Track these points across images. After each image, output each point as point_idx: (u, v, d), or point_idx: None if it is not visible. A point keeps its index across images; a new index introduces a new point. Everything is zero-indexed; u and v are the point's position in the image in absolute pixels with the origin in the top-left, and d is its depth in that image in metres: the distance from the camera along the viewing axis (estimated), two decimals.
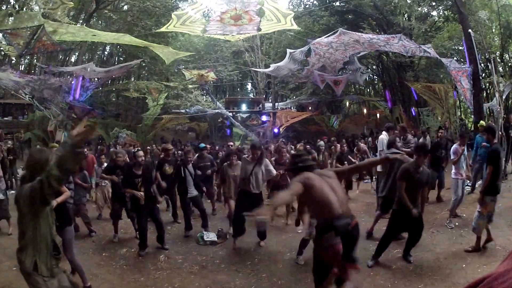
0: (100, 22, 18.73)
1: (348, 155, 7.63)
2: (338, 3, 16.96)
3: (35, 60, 16.43)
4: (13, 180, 8.58)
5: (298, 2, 21.41)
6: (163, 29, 11.32)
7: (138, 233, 4.73)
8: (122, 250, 4.66)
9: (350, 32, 8.81)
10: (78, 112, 13.18)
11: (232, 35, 10.82)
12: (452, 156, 5.20)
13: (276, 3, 9.59)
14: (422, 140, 6.96)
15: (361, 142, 9.99)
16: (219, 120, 20.27)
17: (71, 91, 13.10)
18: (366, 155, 7.91)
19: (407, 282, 3.41)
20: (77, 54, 18.24)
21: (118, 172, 4.98)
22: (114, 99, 23.62)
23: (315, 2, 19.26)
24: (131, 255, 4.49)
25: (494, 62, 8.05)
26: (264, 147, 6.43)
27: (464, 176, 5.24)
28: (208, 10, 15.37)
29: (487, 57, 8.95)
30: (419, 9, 15.20)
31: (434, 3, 15.75)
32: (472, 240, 4.14)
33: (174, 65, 17.67)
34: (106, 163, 6.21)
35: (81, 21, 16.12)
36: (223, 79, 20.29)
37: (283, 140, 11.86)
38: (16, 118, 17.06)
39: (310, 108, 21.35)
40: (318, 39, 9.82)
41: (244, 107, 17.95)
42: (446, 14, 16.67)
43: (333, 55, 10.63)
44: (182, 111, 18.11)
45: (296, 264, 4.00)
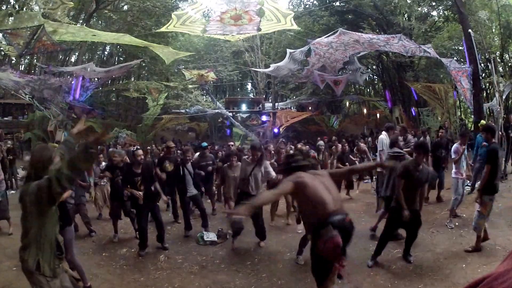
0: (100, 22, 18.73)
1: (349, 155, 7.62)
2: (338, 3, 16.95)
3: (35, 60, 16.41)
4: (12, 180, 8.58)
5: (298, 2, 21.42)
6: (163, 29, 11.32)
7: (138, 233, 4.73)
8: (122, 250, 4.66)
9: (350, 32, 8.81)
10: (78, 112, 13.19)
11: (232, 35, 10.81)
12: (453, 155, 5.21)
13: (276, 3, 9.59)
14: (422, 140, 6.94)
15: (361, 142, 9.99)
16: (219, 120, 20.27)
17: (71, 91, 13.11)
18: (366, 155, 7.91)
19: (407, 282, 3.41)
20: (77, 54, 18.24)
21: (117, 172, 4.98)
22: (114, 99, 23.63)
23: (315, 2, 19.25)
24: (131, 255, 4.49)
25: (494, 62, 8.04)
26: (263, 147, 6.42)
27: (464, 176, 5.25)
28: (208, 10, 15.40)
29: (487, 57, 8.95)
30: (419, 9, 15.19)
31: (434, 3, 15.75)
32: (472, 240, 4.14)
33: (174, 65, 17.67)
34: (104, 163, 6.22)
35: (81, 21, 16.11)
36: (223, 79, 20.29)
37: (283, 140, 11.85)
38: (16, 118, 17.07)
39: (310, 108, 21.35)
40: (318, 39, 9.82)
41: (244, 107, 17.94)
42: (446, 14, 16.67)
43: (333, 55, 10.63)
44: (182, 111, 18.10)
45: (296, 264, 4.00)
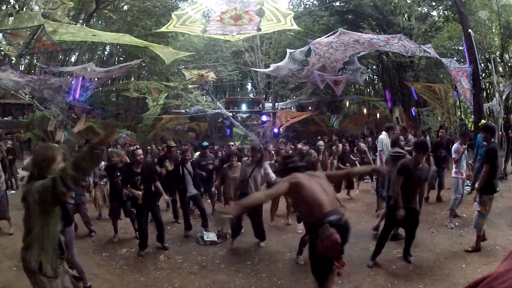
0: (100, 22, 18.72)
1: (350, 155, 7.63)
2: (338, 3, 16.93)
3: (35, 60, 16.41)
4: (12, 180, 8.58)
5: (298, 2, 21.40)
6: (163, 29, 11.31)
7: (138, 232, 4.73)
8: (122, 250, 4.66)
9: (350, 32, 8.80)
10: (78, 112, 13.18)
11: (232, 35, 10.80)
12: (453, 154, 5.21)
13: (276, 3, 9.59)
14: (427, 141, 6.95)
15: (361, 142, 9.99)
16: (219, 120, 20.26)
17: (71, 91, 13.10)
18: (366, 155, 7.92)
19: (407, 282, 3.41)
20: (77, 54, 18.23)
21: (116, 172, 4.98)
22: (114, 99, 23.61)
23: (315, 2, 19.24)
24: (131, 255, 4.49)
25: (494, 62, 8.04)
26: (263, 147, 6.42)
27: (464, 175, 5.26)
28: (208, 10, 15.38)
29: (487, 57, 8.94)
30: (419, 9, 15.18)
31: (434, 3, 15.74)
32: (472, 240, 4.15)
33: (174, 65, 17.65)
34: (103, 162, 6.22)
35: (81, 21, 16.10)
36: (223, 79, 20.28)
37: (283, 140, 11.85)
38: (16, 118, 17.07)
39: (310, 108, 21.35)
40: (318, 39, 9.82)
41: (244, 107, 17.94)
42: (446, 14, 16.66)
43: (333, 55, 10.62)
44: (182, 111, 18.09)
45: (296, 264, 4.00)
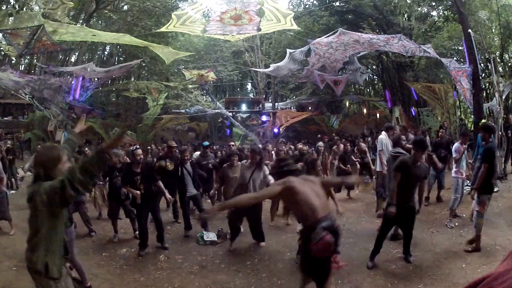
0: (100, 22, 18.73)
1: (351, 155, 7.64)
2: (338, 3, 16.95)
3: (35, 60, 16.41)
4: (12, 180, 8.58)
5: (298, 2, 21.40)
6: (163, 29, 11.31)
7: (138, 232, 4.73)
8: (122, 250, 4.66)
9: (350, 32, 8.80)
10: (78, 112, 13.18)
11: (232, 35, 10.81)
12: (454, 154, 5.21)
13: (276, 3, 9.59)
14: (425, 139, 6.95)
15: (361, 142, 9.97)
16: (219, 120, 20.28)
17: (71, 91, 13.10)
18: (365, 155, 7.93)
19: (407, 282, 3.41)
20: (77, 54, 18.24)
21: (115, 173, 4.98)
22: (114, 99, 23.61)
23: (315, 2, 19.25)
24: (131, 255, 4.49)
25: (494, 62, 8.04)
26: (262, 148, 6.42)
27: (464, 175, 5.26)
28: (208, 10, 15.39)
29: (487, 57, 8.94)
30: (419, 9, 15.18)
31: (434, 3, 15.74)
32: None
33: (174, 65, 17.65)
34: None
35: (81, 21, 16.10)
36: (223, 79, 20.28)
37: (283, 140, 11.85)
38: (16, 118, 17.08)
39: (310, 108, 21.35)
40: (318, 39, 9.81)
41: (244, 107, 17.94)
42: (446, 14, 16.66)
43: (333, 55, 10.62)
44: (182, 111, 18.10)
45: (296, 264, 3.99)
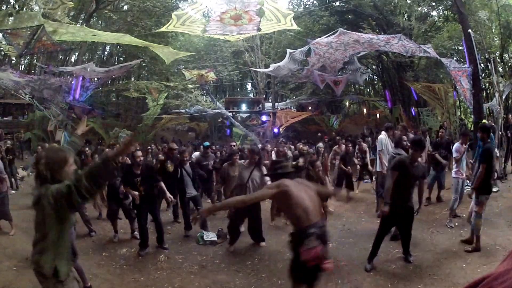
0: (100, 22, 18.72)
1: (352, 156, 7.66)
2: (338, 3, 16.93)
3: (35, 60, 16.40)
4: (12, 180, 8.58)
5: (298, 2, 21.37)
6: (163, 29, 11.30)
7: (138, 232, 4.73)
8: (122, 250, 4.66)
9: (350, 32, 8.79)
10: (78, 112, 13.18)
11: (232, 35, 10.79)
12: (454, 154, 5.20)
13: (276, 3, 9.58)
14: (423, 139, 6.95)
15: (363, 142, 9.96)
16: (219, 120, 20.26)
17: (71, 91, 13.09)
18: (365, 155, 7.95)
19: (407, 282, 3.42)
20: (77, 54, 18.24)
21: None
22: (114, 99, 23.61)
23: (315, 2, 19.23)
24: (131, 255, 4.49)
25: (494, 62, 8.04)
26: (261, 148, 6.43)
27: (464, 175, 5.26)
28: (208, 10, 15.37)
29: (487, 57, 8.93)
30: (419, 9, 15.16)
31: (434, 3, 15.72)
32: (472, 240, 4.15)
33: (174, 65, 17.64)
34: None
35: (81, 21, 16.10)
36: (223, 79, 20.27)
37: (283, 140, 11.85)
38: (16, 118, 17.08)
39: (310, 108, 21.33)
40: (318, 39, 9.80)
41: (244, 107, 17.93)
42: (446, 14, 16.65)
43: (333, 55, 10.61)
44: (182, 111, 18.09)
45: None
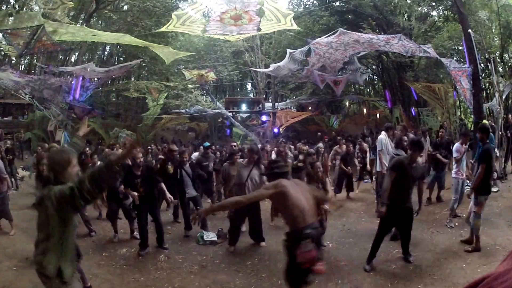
0: (100, 22, 18.72)
1: (353, 157, 7.65)
2: (338, 3, 16.93)
3: (35, 60, 16.40)
4: (12, 180, 8.57)
5: (298, 2, 21.37)
6: (163, 29, 11.29)
7: (138, 232, 4.73)
8: (122, 250, 4.66)
9: (350, 32, 8.79)
10: (78, 112, 13.17)
11: (232, 35, 10.79)
12: (454, 154, 5.20)
13: (276, 3, 9.58)
14: (422, 139, 6.95)
15: (363, 142, 9.96)
16: (219, 120, 20.25)
17: (71, 91, 13.07)
18: (365, 155, 7.96)
19: (407, 282, 3.42)
20: (77, 54, 18.23)
21: None
22: (114, 99, 23.61)
23: (315, 2, 19.23)
24: (131, 255, 4.49)
25: (494, 62, 8.04)
26: (260, 148, 6.43)
27: (464, 176, 5.26)
28: (208, 10, 15.36)
29: (487, 57, 8.93)
30: (419, 9, 15.15)
31: (434, 3, 15.72)
32: (472, 240, 4.15)
33: (174, 65, 17.64)
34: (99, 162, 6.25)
35: (81, 21, 16.10)
36: (223, 79, 20.27)
37: (283, 140, 11.85)
38: (16, 118, 17.08)
39: (310, 108, 21.33)
40: (318, 39, 9.80)
41: (244, 107, 17.91)
42: (446, 14, 16.65)
43: (333, 55, 10.61)
44: (182, 111, 18.08)
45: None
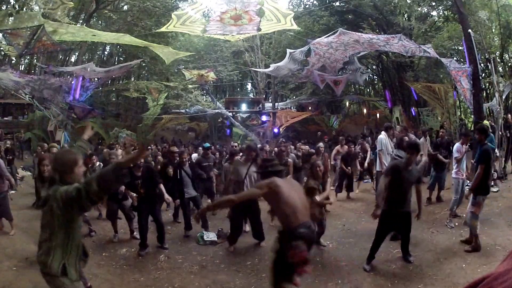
0: (100, 22, 18.73)
1: (354, 158, 7.64)
2: (338, 3, 16.94)
3: (35, 60, 16.41)
4: (12, 180, 8.57)
5: (298, 2, 21.37)
6: (163, 29, 11.30)
7: (138, 232, 4.72)
8: (122, 250, 4.66)
9: (350, 32, 8.79)
10: (78, 112, 13.17)
11: (232, 35, 10.79)
12: (455, 154, 5.19)
13: (276, 3, 9.58)
14: (422, 140, 6.94)
15: (365, 142, 9.96)
16: (219, 120, 20.26)
17: (71, 91, 13.07)
18: (367, 154, 7.96)
19: (407, 282, 3.41)
20: (77, 54, 18.24)
21: None
22: (114, 99, 23.64)
23: (315, 2, 19.23)
24: (131, 255, 4.49)
25: (494, 62, 8.03)
26: (259, 148, 6.45)
27: (464, 176, 5.26)
28: (208, 10, 15.36)
29: (487, 57, 8.93)
30: (419, 9, 15.16)
31: (434, 3, 15.72)
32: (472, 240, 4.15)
33: (174, 65, 17.65)
34: (99, 163, 6.28)
35: (81, 21, 16.10)
36: (223, 79, 20.28)
37: (283, 139, 11.85)
38: (16, 118, 17.08)
39: (310, 108, 21.34)
40: (318, 39, 9.80)
41: (244, 107, 17.91)
42: (446, 14, 16.65)
43: (333, 55, 10.61)
44: (182, 111, 18.09)
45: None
